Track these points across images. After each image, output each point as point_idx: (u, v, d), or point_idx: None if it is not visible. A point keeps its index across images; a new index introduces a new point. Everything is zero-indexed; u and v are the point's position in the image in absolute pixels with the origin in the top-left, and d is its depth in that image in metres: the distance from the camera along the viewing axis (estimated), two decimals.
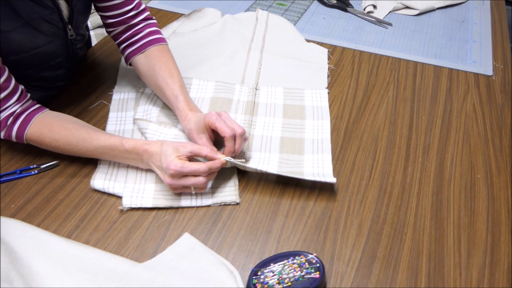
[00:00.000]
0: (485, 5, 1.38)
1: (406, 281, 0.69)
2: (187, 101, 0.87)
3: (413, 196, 0.81)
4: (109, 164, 0.83)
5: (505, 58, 1.16)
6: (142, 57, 0.93)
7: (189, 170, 0.74)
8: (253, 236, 0.74)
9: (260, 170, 0.80)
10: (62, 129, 0.80)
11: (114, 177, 0.81)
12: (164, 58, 0.92)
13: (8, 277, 0.65)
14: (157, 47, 0.94)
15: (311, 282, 0.65)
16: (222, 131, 0.79)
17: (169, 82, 0.89)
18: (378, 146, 0.90)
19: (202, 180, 0.75)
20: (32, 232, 0.71)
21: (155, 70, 0.91)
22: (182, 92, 0.88)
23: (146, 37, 0.94)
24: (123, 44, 0.95)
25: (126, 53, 0.96)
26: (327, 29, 1.25)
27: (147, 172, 0.82)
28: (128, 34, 0.94)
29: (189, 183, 0.75)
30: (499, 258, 0.72)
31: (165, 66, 0.91)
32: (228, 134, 0.78)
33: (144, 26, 0.95)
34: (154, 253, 0.71)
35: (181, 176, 0.75)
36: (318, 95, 1.00)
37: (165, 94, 0.89)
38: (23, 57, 0.83)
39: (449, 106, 1.00)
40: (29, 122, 0.80)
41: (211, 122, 0.80)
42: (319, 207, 0.78)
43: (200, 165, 0.75)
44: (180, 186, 0.76)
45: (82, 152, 0.81)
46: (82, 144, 0.79)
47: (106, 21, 0.94)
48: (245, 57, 1.10)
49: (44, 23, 0.83)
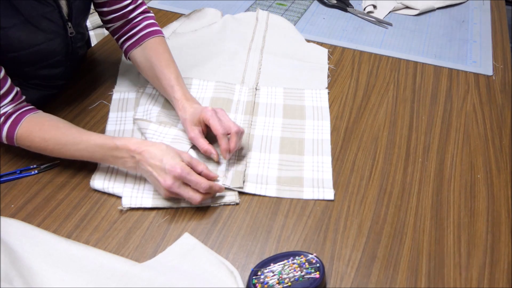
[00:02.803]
0: (485, 5, 1.38)
1: (406, 281, 0.69)
2: (183, 91, 0.88)
3: (413, 196, 0.81)
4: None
5: (505, 58, 1.16)
6: (139, 50, 0.94)
7: (193, 179, 0.73)
8: (253, 236, 0.74)
9: (258, 194, 0.80)
10: (52, 128, 0.79)
11: (114, 177, 0.81)
12: (161, 50, 0.93)
13: (8, 277, 0.65)
14: (153, 39, 0.94)
15: (311, 282, 0.65)
16: (214, 128, 0.80)
17: (166, 72, 0.89)
18: (378, 146, 0.90)
19: (198, 198, 0.73)
20: (32, 232, 0.71)
21: (151, 61, 0.91)
22: (178, 82, 0.89)
23: (143, 29, 0.95)
24: (121, 38, 0.96)
25: (124, 47, 0.96)
26: (327, 29, 1.25)
27: None
28: (126, 28, 0.95)
29: (186, 195, 0.74)
30: (499, 258, 0.72)
31: (162, 57, 0.91)
32: (220, 132, 0.79)
33: (141, 19, 0.96)
34: (154, 253, 0.71)
35: (182, 182, 0.74)
36: (318, 95, 1.01)
37: (162, 84, 0.90)
38: (22, 54, 0.83)
39: (449, 106, 1.00)
40: (20, 121, 0.79)
41: (206, 117, 0.81)
42: (319, 207, 0.78)
43: (203, 180, 0.74)
44: (175, 193, 0.74)
45: (71, 152, 0.78)
46: (72, 143, 0.78)
47: (105, 17, 0.94)
48: (245, 57, 1.10)
49: (44, 20, 0.83)
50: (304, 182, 0.82)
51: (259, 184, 0.81)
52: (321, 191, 0.80)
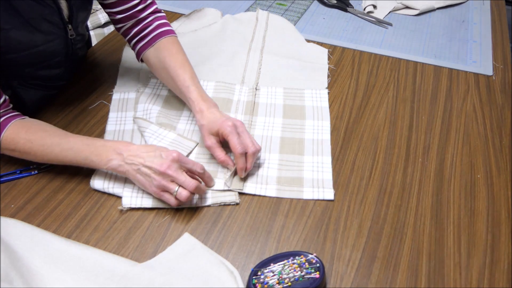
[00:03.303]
0: (485, 5, 1.38)
1: (406, 281, 0.69)
2: (199, 91, 0.86)
3: (413, 196, 0.81)
4: None
5: (505, 58, 1.16)
6: (152, 50, 0.93)
7: (189, 161, 0.75)
8: (253, 236, 0.74)
9: (258, 194, 0.80)
10: (38, 130, 0.78)
11: (114, 177, 0.81)
12: (174, 50, 0.91)
13: (8, 277, 0.65)
14: (166, 39, 0.93)
15: (311, 282, 0.65)
16: (233, 146, 0.79)
17: (180, 73, 0.88)
18: (378, 146, 0.90)
19: (192, 184, 0.73)
20: (32, 232, 0.71)
21: (165, 62, 0.90)
22: (194, 82, 0.87)
23: (155, 30, 0.93)
24: (133, 40, 0.94)
25: (137, 48, 0.95)
26: (327, 29, 1.25)
27: None
28: (137, 28, 0.93)
29: (181, 179, 0.72)
30: (499, 258, 0.72)
31: (175, 57, 0.90)
32: (238, 152, 0.78)
33: (153, 20, 0.94)
34: (154, 253, 0.71)
35: (179, 166, 0.74)
36: (318, 95, 1.01)
37: (176, 85, 0.88)
38: (22, 55, 0.83)
39: (449, 106, 1.00)
40: (6, 125, 0.77)
41: (225, 133, 0.79)
42: (319, 207, 0.78)
43: (199, 165, 0.76)
44: (171, 176, 0.72)
45: (56, 154, 0.76)
46: (57, 143, 0.76)
47: (114, 17, 0.93)
48: (245, 57, 1.10)
49: (44, 22, 0.83)
50: (304, 182, 0.82)
51: (259, 184, 0.81)
52: (321, 191, 0.80)
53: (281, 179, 0.82)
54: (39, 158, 0.78)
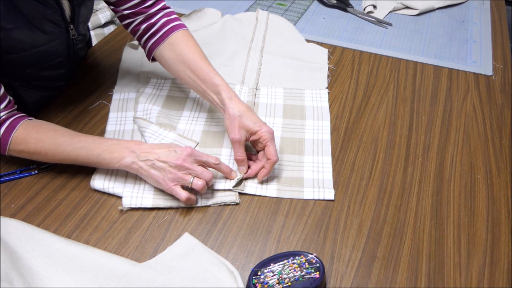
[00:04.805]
0: (485, 5, 1.38)
1: (406, 281, 0.69)
2: (225, 81, 0.85)
3: (413, 196, 0.81)
4: None
5: (505, 58, 1.16)
6: (166, 45, 0.90)
7: (203, 154, 0.77)
8: (253, 236, 0.74)
9: (258, 195, 0.80)
10: (49, 130, 0.78)
11: (114, 177, 0.81)
12: (191, 42, 0.90)
13: (8, 277, 0.65)
14: (180, 33, 0.90)
15: (311, 282, 0.65)
16: (271, 153, 0.79)
17: (202, 64, 0.86)
18: (378, 146, 0.90)
19: (208, 175, 0.76)
20: (32, 232, 0.71)
21: (183, 55, 0.87)
22: (218, 73, 0.86)
23: (166, 25, 0.90)
24: (144, 36, 0.92)
25: (148, 46, 0.92)
26: (327, 29, 1.25)
27: None
28: (147, 24, 0.90)
29: (197, 170, 0.75)
30: (499, 258, 0.72)
31: (194, 49, 0.88)
32: (274, 160, 0.79)
33: (162, 16, 0.91)
34: (154, 253, 0.71)
35: (194, 159, 0.76)
36: (318, 95, 1.01)
37: (198, 76, 0.86)
38: (24, 55, 0.83)
39: (449, 106, 1.00)
40: (16, 126, 0.77)
41: (265, 139, 0.79)
42: (319, 207, 0.78)
43: (213, 156, 0.78)
44: (187, 168, 0.75)
45: (68, 152, 0.76)
46: (69, 142, 0.76)
47: (122, 13, 0.90)
48: (245, 57, 1.10)
49: (47, 22, 0.83)
50: (305, 182, 0.82)
51: (260, 184, 0.81)
52: (322, 191, 0.80)
53: (281, 179, 0.82)
54: (49, 157, 0.78)
